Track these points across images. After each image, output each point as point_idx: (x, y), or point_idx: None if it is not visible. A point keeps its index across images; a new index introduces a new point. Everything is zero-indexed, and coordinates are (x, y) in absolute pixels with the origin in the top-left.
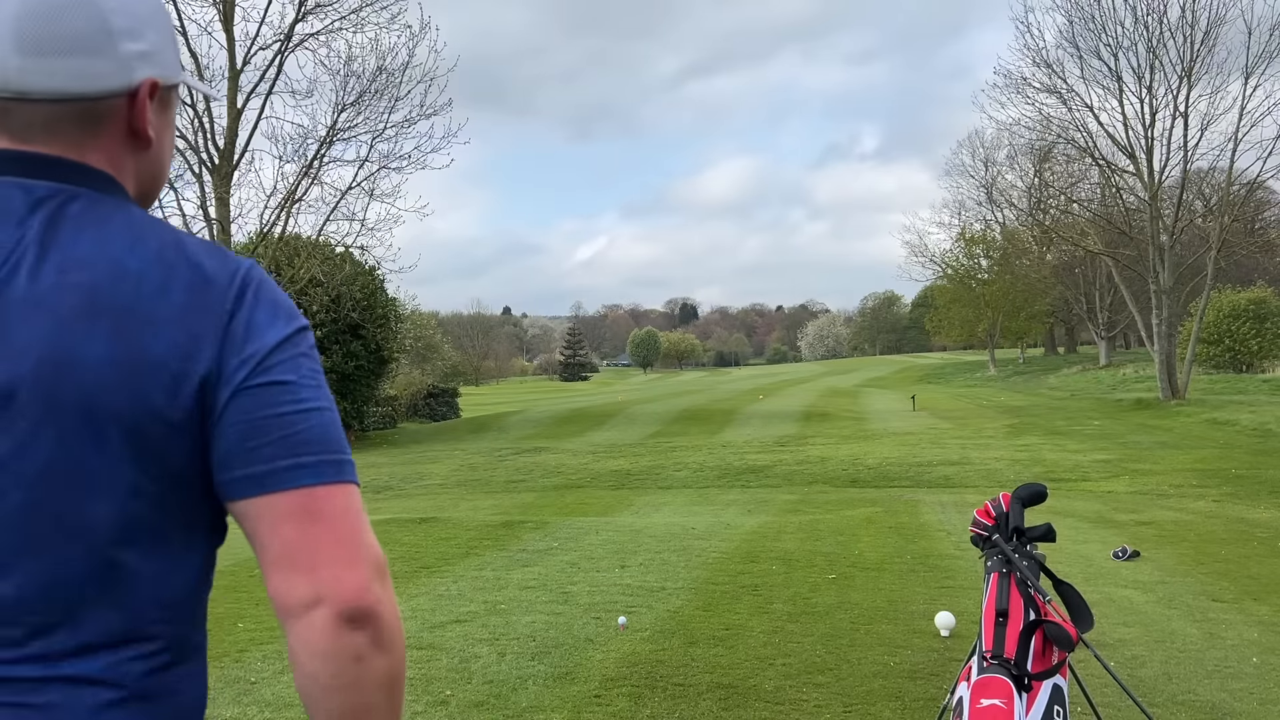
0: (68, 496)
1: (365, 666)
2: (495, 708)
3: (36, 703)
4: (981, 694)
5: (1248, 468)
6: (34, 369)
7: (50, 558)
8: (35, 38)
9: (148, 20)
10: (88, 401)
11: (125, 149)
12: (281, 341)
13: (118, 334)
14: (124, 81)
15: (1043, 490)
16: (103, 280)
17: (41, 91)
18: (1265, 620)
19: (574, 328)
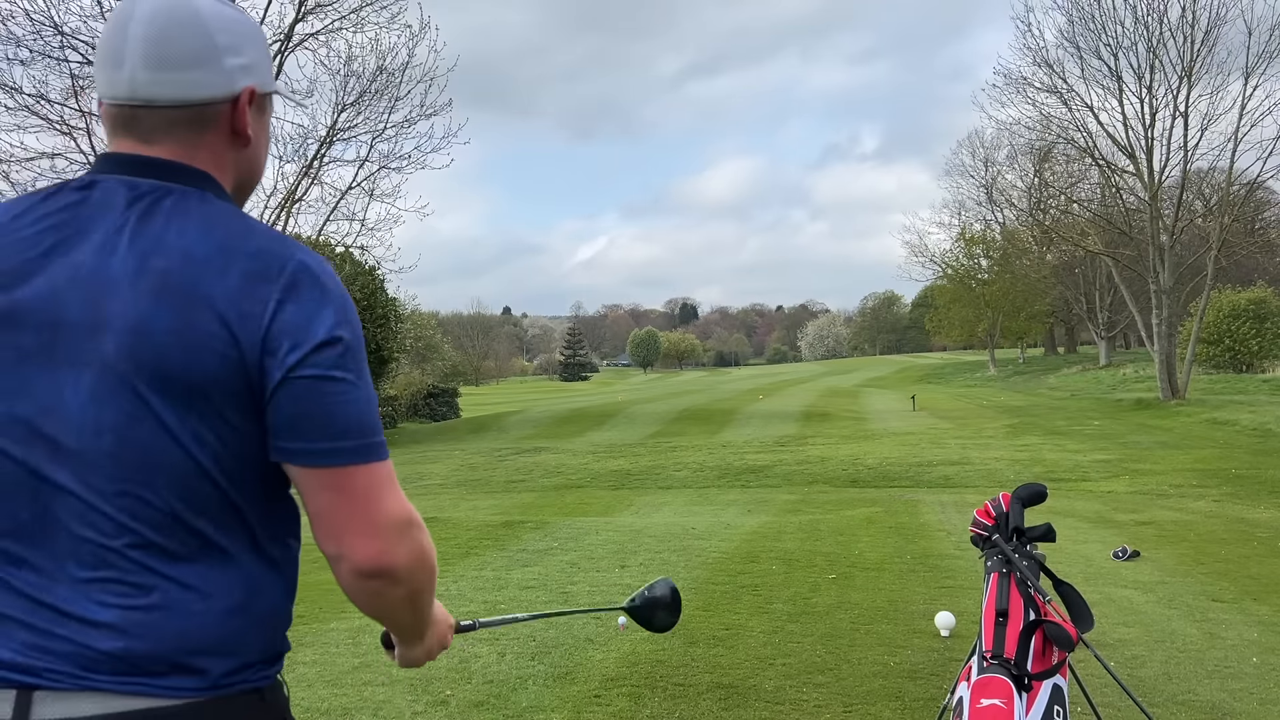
0: (146, 438)
1: (384, 597)
2: (495, 708)
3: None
4: (981, 694)
5: (1248, 468)
6: (118, 336)
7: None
8: (158, 55)
9: (247, 38)
10: (158, 365)
11: (228, 146)
12: (331, 338)
13: (180, 310)
14: (228, 89)
15: (1043, 490)
16: (174, 265)
17: (163, 100)
18: (1265, 620)
19: (574, 328)
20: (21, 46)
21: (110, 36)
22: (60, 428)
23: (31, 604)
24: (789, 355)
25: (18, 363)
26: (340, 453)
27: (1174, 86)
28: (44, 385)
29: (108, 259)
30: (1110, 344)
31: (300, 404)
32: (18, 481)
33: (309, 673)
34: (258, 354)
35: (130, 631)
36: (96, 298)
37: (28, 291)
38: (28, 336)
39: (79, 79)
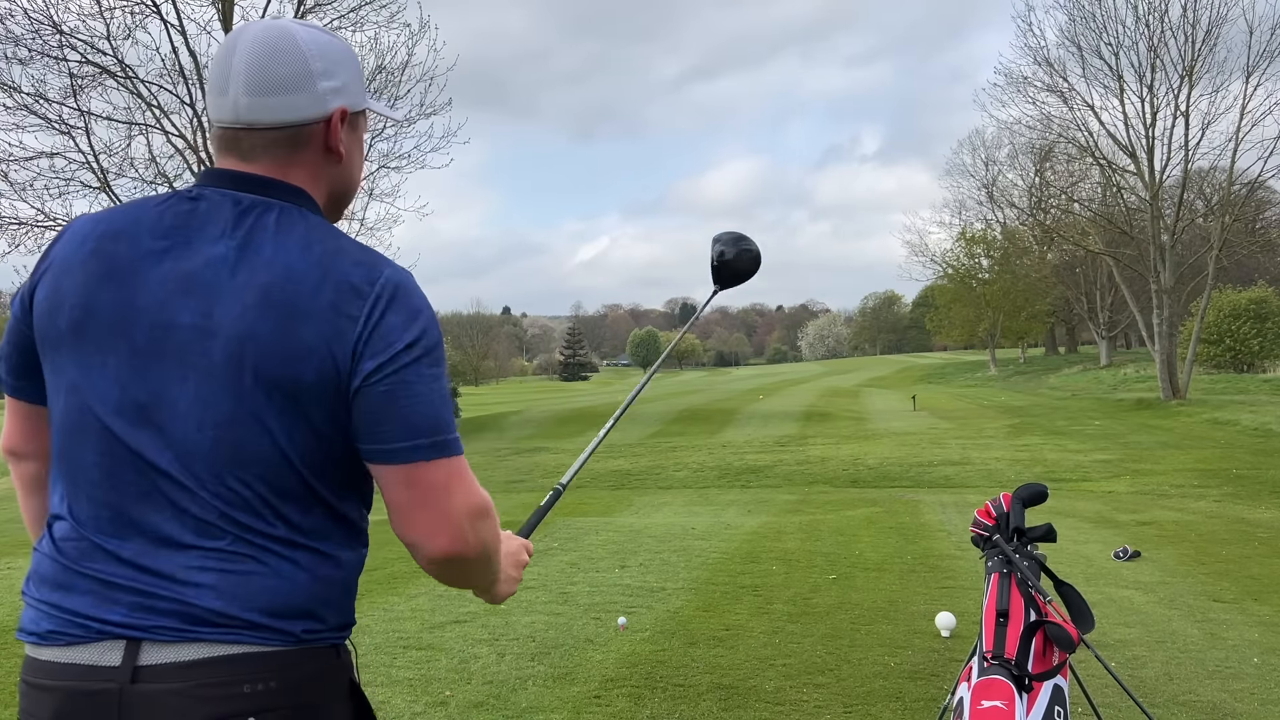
0: (243, 435)
1: (454, 578)
2: (495, 708)
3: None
4: (982, 695)
5: (1249, 468)
6: (225, 343)
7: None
8: (258, 82)
9: (339, 62)
10: (258, 369)
11: (322, 163)
12: (407, 346)
13: (282, 323)
14: (321, 111)
15: (1043, 490)
16: (276, 280)
17: (263, 123)
18: (1266, 620)
19: (574, 327)
20: (20, 45)
21: (218, 65)
22: (166, 419)
23: (136, 571)
24: (789, 355)
25: (131, 356)
26: (415, 450)
27: (1175, 86)
28: (154, 380)
29: (217, 269)
30: (1111, 344)
31: (378, 406)
32: (127, 462)
33: None
34: (348, 362)
35: (226, 593)
36: (206, 305)
37: (144, 293)
38: (141, 334)
39: (77, 78)
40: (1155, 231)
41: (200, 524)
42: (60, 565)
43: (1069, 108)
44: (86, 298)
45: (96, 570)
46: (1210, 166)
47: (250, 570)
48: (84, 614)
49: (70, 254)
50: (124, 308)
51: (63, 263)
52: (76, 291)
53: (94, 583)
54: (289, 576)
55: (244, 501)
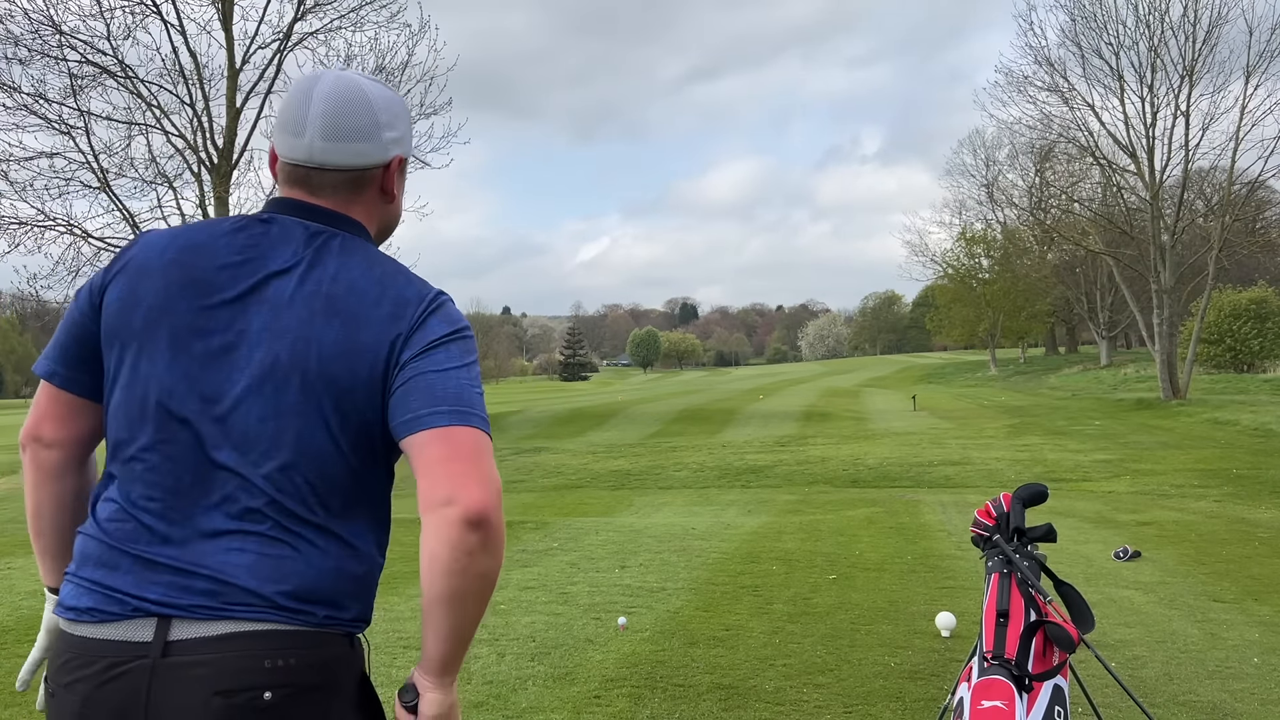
0: (301, 427)
1: (473, 560)
2: (495, 708)
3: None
4: (983, 695)
5: (1249, 468)
6: (290, 344)
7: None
8: (333, 129)
9: (399, 115)
10: (321, 369)
11: (378, 201)
12: (441, 337)
13: (344, 328)
14: (382, 158)
15: (1043, 490)
16: (340, 292)
17: (333, 165)
18: (1266, 621)
19: (574, 327)
20: (20, 46)
21: (293, 108)
22: (229, 411)
23: (180, 551)
24: (789, 355)
25: (204, 356)
26: (442, 414)
27: (1175, 86)
28: (221, 375)
29: (287, 282)
30: (1111, 344)
31: (410, 380)
32: (189, 448)
33: None
34: (394, 354)
35: (260, 574)
36: (276, 311)
37: (220, 299)
38: (215, 336)
39: (77, 78)
40: (1155, 231)
41: (247, 510)
42: (105, 545)
43: (1069, 107)
44: (166, 300)
45: (141, 550)
46: (1210, 166)
47: (284, 555)
48: (124, 591)
49: (149, 259)
50: (200, 311)
51: (140, 267)
52: (156, 293)
53: (137, 562)
54: (318, 564)
55: (294, 488)
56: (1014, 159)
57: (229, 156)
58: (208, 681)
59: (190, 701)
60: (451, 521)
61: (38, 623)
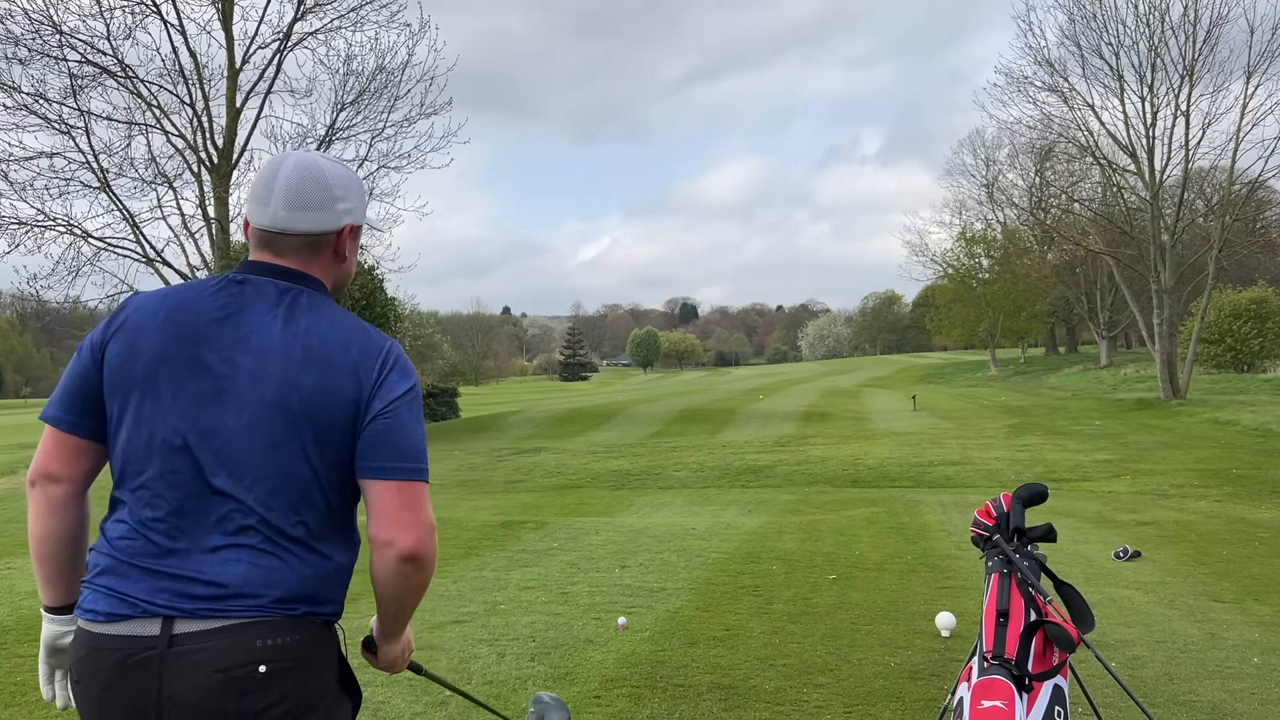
0: (285, 457)
1: (409, 581)
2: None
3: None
4: (982, 695)
5: (1249, 468)
6: (275, 387)
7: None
8: (294, 201)
9: (352, 189)
10: (302, 408)
11: (332, 262)
12: (402, 394)
13: (320, 375)
14: (335, 225)
15: (1043, 490)
16: (314, 344)
17: (294, 231)
18: (1266, 620)
19: (574, 327)
20: (20, 46)
21: (262, 182)
22: (223, 444)
23: (180, 562)
24: (789, 355)
25: (200, 397)
26: (403, 470)
27: (1175, 85)
28: (217, 414)
29: (267, 333)
30: (1111, 344)
31: (380, 434)
32: (191, 476)
33: None
34: (366, 402)
35: (252, 581)
36: (261, 359)
37: (210, 349)
38: (208, 381)
39: (77, 78)
40: (1155, 231)
41: (241, 528)
42: (117, 560)
43: (1069, 107)
44: (163, 352)
45: (149, 563)
46: (1211, 166)
47: (273, 565)
48: (135, 596)
49: (144, 319)
50: (193, 360)
51: (135, 326)
52: (153, 347)
53: (144, 573)
54: (300, 572)
55: (280, 509)
56: (1014, 159)
57: (229, 156)
58: (209, 663)
59: (195, 680)
60: (391, 558)
61: (38, 622)
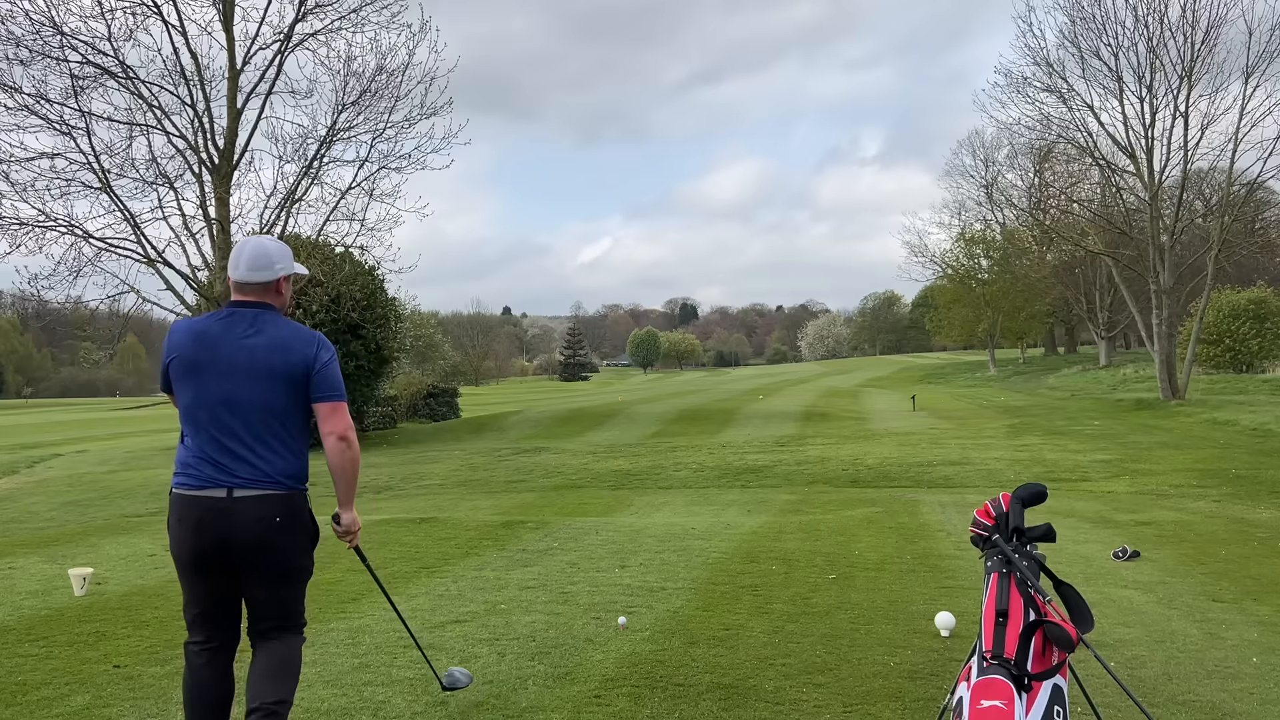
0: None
1: (345, 454)
2: (495, 708)
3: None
4: (982, 695)
5: (1248, 468)
6: (262, 366)
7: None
8: (251, 265)
9: (284, 256)
10: (275, 373)
11: (276, 296)
12: (329, 359)
13: (284, 355)
14: (275, 277)
15: (1043, 490)
16: (274, 340)
17: (253, 282)
18: (1266, 620)
19: (574, 328)
20: (21, 46)
21: (234, 255)
22: (238, 399)
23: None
24: (789, 355)
25: (219, 376)
26: (335, 394)
27: (1174, 86)
28: (230, 384)
29: (249, 338)
30: (1110, 344)
31: (320, 380)
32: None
33: (308, 673)
34: (311, 363)
35: (269, 468)
36: (249, 352)
37: (220, 352)
38: (222, 368)
39: (79, 79)
40: (1154, 232)
41: (253, 438)
42: (190, 460)
43: (1068, 108)
44: (196, 356)
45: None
46: (1209, 167)
47: (274, 458)
48: (205, 476)
49: (183, 340)
50: (212, 359)
51: (180, 345)
52: (192, 354)
53: (209, 465)
54: (289, 461)
55: (272, 430)
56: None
57: (230, 157)
58: (253, 513)
59: (245, 522)
60: (333, 439)
61: (39, 622)
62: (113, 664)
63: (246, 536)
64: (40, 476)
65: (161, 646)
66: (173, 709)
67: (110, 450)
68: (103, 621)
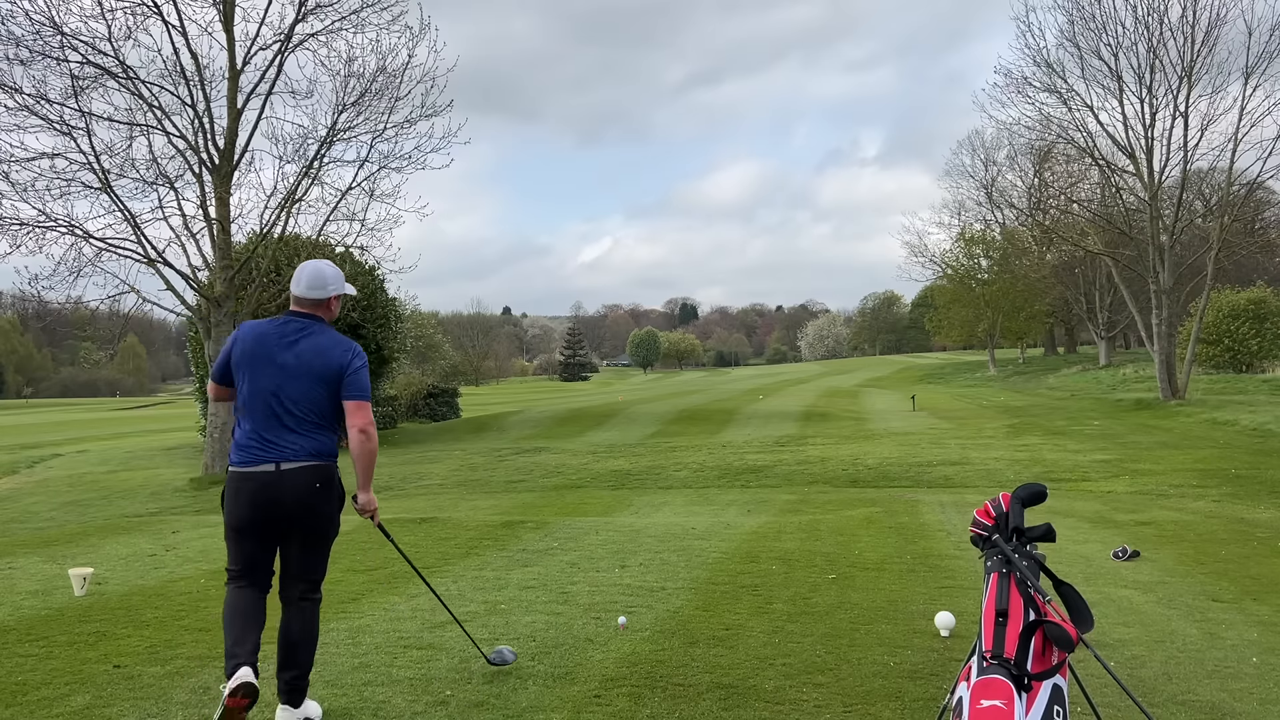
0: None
1: (364, 445)
2: (495, 708)
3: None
4: (982, 694)
5: (1248, 468)
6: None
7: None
8: (308, 284)
9: (336, 279)
10: (314, 373)
11: (327, 312)
12: (359, 366)
13: (324, 360)
14: (327, 296)
15: (1042, 490)
16: (316, 346)
17: (308, 299)
18: (1265, 620)
19: (574, 328)
20: (22, 47)
21: (296, 274)
22: (285, 392)
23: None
24: (789, 355)
25: (274, 372)
26: (363, 394)
27: (1174, 87)
28: (279, 379)
29: (295, 345)
30: (1110, 344)
31: (350, 382)
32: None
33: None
34: (343, 369)
35: (311, 446)
36: (296, 356)
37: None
38: (275, 365)
39: (79, 79)
40: (1154, 232)
41: (296, 423)
42: (244, 442)
43: (1068, 108)
44: (254, 352)
45: (259, 441)
46: (1209, 167)
47: (314, 438)
48: (258, 454)
49: (247, 337)
50: (268, 357)
51: (244, 342)
52: (250, 351)
53: (261, 444)
54: (324, 442)
55: (312, 415)
56: (1013, 160)
57: (230, 157)
58: (296, 481)
59: (292, 490)
60: (356, 431)
61: (39, 622)
62: (113, 664)
63: (292, 501)
64: (40, 476)
65: (161, 646)
66: (173, 709)
67: (110, 450)
68: (103, 621)
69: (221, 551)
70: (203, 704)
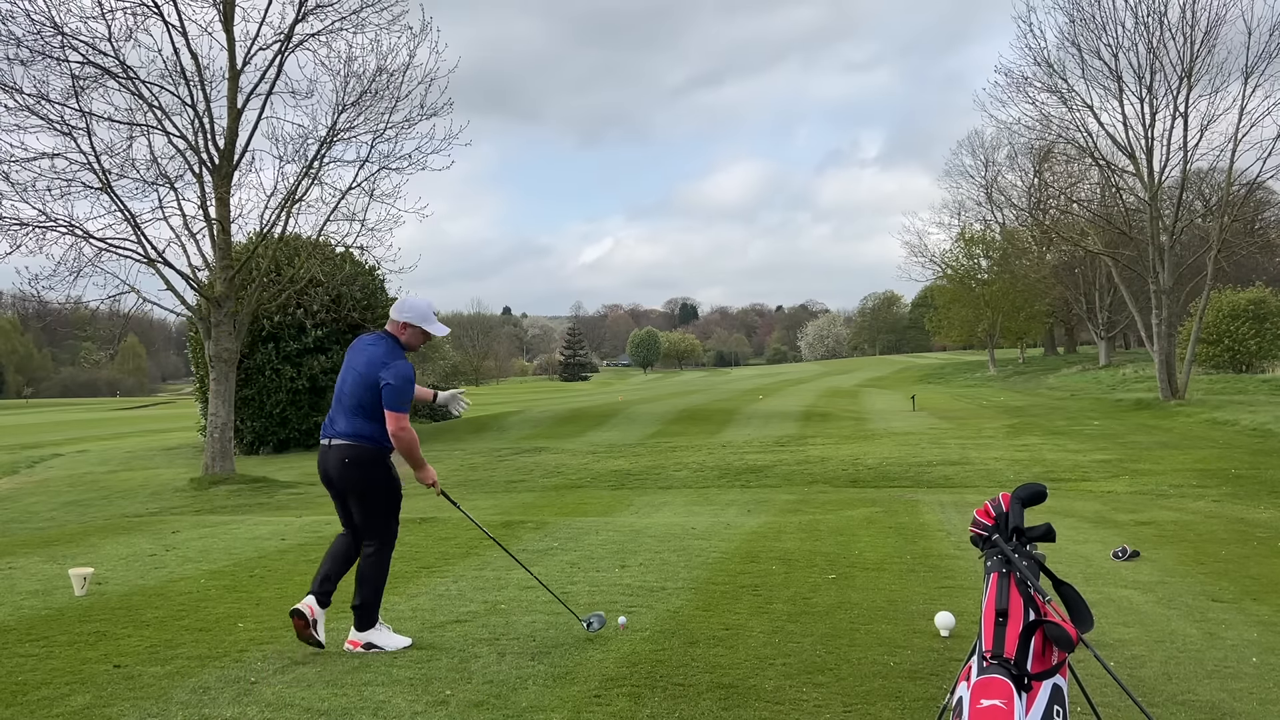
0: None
1: (400, 441)
2: (495, 708)
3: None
4: (982, 694)
5: (1247, 468)
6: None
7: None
8: (393, 309)
9: (411, 309)
10: (366, 378)
11: (401, 333)
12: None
13: (370, 368)
14: (401, 320)
15: (1042, 490)
16: (371, 357)
17: (395, 321)
18: (1265, 620)
19: (574, 328)
20: (22, 47)
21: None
22: (346, 387)
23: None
24: (789, 355)
25: (345, 370)
26: (399, 405)
27: (1174, 87)
28: (346, 376)
29: (363, 353)
30: (1110, 344)
31: (385, 392)
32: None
33: (309, 673)
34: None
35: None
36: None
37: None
38: (348, 367)
39: (79, 79)
40: (1154, 232)
41: (348, 412)
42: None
43: (1068, 108)
44: (348, 353)
45: (328, 421)
46: (1209, 167)
47: (354, 425)
48: (325, 431)
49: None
50: (350, 358)
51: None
52: (346, 358)
53: (327, 423)
54: (362, 427)
55: (363, 406)
56: (1013, 160)
57: (230, 157)
58: (334, 455)
59: (333, 460)
60: (392, 433)
61: (39, 622)
62: (113, 664)
63: (334, 470)
64: (40, 476)
65: (161, 646)
66: (173, 709)
67: (110, 450)
68: (103, 621)
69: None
70: (203, 704)
